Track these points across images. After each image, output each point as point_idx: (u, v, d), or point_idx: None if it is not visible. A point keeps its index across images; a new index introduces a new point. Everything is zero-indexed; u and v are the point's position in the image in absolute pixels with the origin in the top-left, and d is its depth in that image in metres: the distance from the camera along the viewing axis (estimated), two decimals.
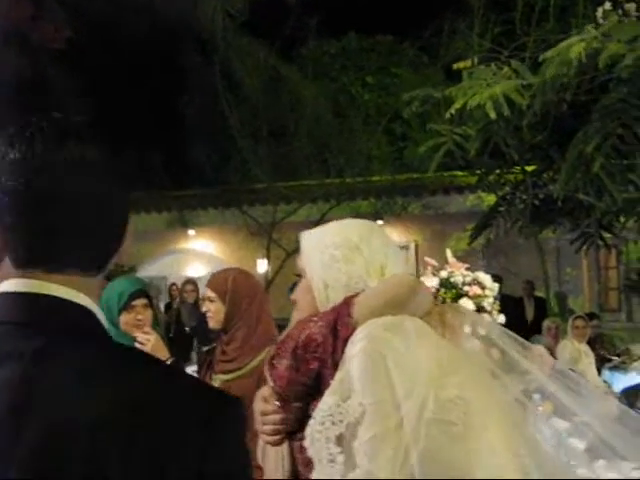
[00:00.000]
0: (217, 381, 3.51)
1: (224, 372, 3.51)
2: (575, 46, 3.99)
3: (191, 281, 10.28)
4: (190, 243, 15.11)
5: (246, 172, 13.40)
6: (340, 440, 1.64)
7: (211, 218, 14.13)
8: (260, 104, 13.02)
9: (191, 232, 14.66)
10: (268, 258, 13.33)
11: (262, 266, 13.34)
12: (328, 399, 1.70)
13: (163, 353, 3.51)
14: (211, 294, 3.60)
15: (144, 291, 3.66)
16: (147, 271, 14.53)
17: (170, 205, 14.20)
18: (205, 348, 6.70)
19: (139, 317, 3.56)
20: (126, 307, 3.56)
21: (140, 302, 3.59)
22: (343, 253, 2.01)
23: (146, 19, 11.92)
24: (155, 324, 3.75)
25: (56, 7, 12.40)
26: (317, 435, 1.67)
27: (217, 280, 3.68)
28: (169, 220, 14.12)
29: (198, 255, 15.44)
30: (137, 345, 3.47)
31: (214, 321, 3.58)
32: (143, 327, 3.56)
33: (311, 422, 1.72)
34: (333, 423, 1.65)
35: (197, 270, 15.29)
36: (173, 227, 14.16)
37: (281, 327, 3.75)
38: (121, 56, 14.48)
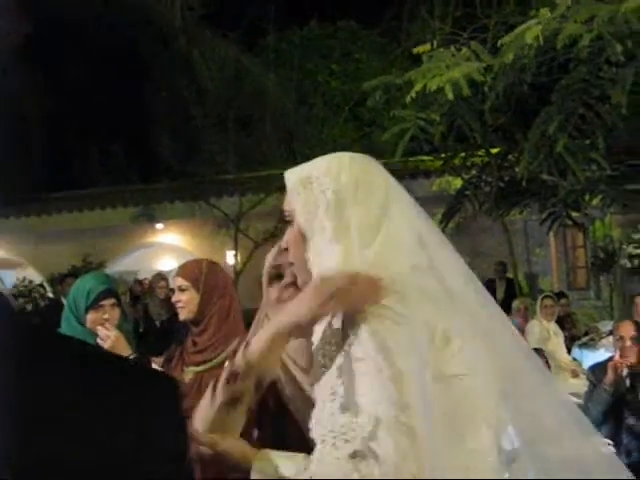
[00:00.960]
0: (189, 373, 3.45)
1: (195, 364, 3.45)
2: (532, 29, 4.00)
3: (162, 275, 10.20)
4: (158, 237, 15.02)
5: (212, 164, 13.31)
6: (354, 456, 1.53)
7: (179, 211, 14.03)
8: (223, 95, 12.94)
9: (159, 226, 14.58)
10: (236, 249, 13.28)
11: (231, 258, 13.30)
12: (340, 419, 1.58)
13: (124, 350, 3.46)
14: (183, 282, 3.51)
15: (112, 290, 3.60)
16: (116, 266, 14.44)
17: (136, 199, 14.08)
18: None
19: (105, 316, 3.51)
20: (94, 306, 3.51)
21: (108, 302, 3.55)
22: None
23: (106, 12, 11.78)
24: (123, 320, 3.70)
25: (12, 2, 12.16)
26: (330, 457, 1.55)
27: (189, 269, 3.62)
28: (136, 214, 13.99)
29: (167, 249, 15.37)
30: (99, 342, 3.44)
31: (186, 311, 3.48)
32: (110, 326, 3.52)
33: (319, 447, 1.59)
34: (346, 441, 1.53)
35: (166, 264, 15.21)
36: (140, 221, 14.03)
37: (253, 317, 3.73)
38: (81, 50, 14.31)
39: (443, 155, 7.51)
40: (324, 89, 13.79)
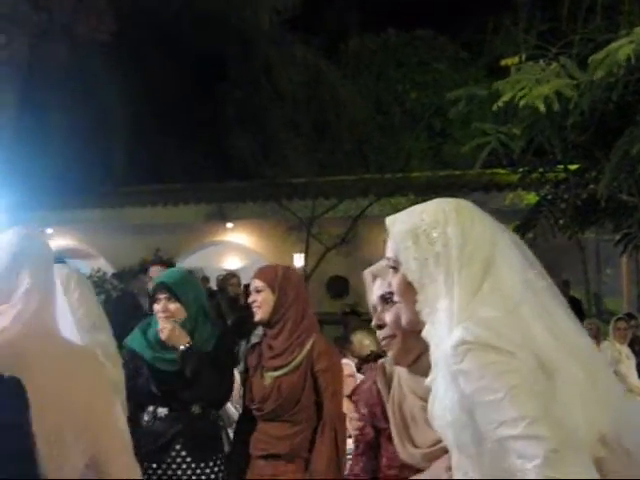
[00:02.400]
0: (268, 378, 3.51)
1: (274, 368, 3.52)
2: (624, 47, 3.96)
3: (233, 273, 10.34)
4: (227, 236, 15.18)
5: (285, 166, 13.42)
6: None
7: (250, 211, 14.16)
8: (301, 99, 13.05)
9: (229, 225, 14.74)
10: (306, 253, 13.35)
11: (299, 261, 13.37)
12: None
13: (179, 340, 3.51)
14: (259, 284, 3.57)
15: (166, 284, 3.65)
16: (184, 262, 14.62)
17: (209, 197, 14.27)
18: (243, 342, 6.76)
19: (158, 307, 3.60)
20: (153, 298, 3.64)
21: (162, 295, 3.61)
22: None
23: (191, 12, 12.01)
24: (206, 315, 3.74)
25: (99, 1, 12.50)
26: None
27: (266, 271, 3.69)
28: (208, 212, 14.21)
29: (234, 248, 15.51)
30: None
31: (261, 312, 3.55)
32: (169, 318, 3.58)
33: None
34: None
35: (233, 263, 15.37)
36: (211, 219, 14.24)
37: (319, 322, 3.78)
38: (164, 49, 14.60)
39: (521, 170, 7.46)
40: (402, 99, 13.77)
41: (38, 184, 15.10)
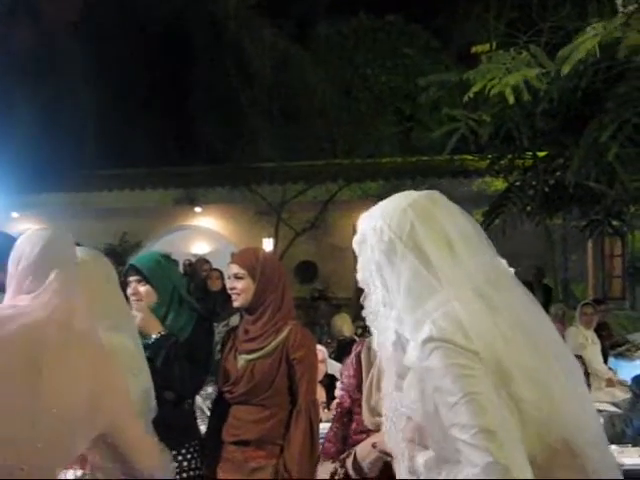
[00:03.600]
0: (241, 360, 3.51)
1: (247, 352, 3.51)
2: (589, 41, 3.98)
3: (205, 260, 10.30)
4: (196, 220, 15.12)
5: (254, 151, 13.37)
6: None
7: (218, 196, 14.11)
8: (270, 84, 12.99)
9: (197, 209, 14.68)
10: (276, 237, 13.34)
11: (268, 245, 13.36)
12: None
13: (153, 328, 3.48)
14: (239, 270, 3.54)
15: (137, 267, 3.59)
16: (151, 247, 14.55)
17: (177, 182, 14.19)
18: (221, 325, 6.75)
19: (130, 292, 3.54)
20: (125, 282, 3.56)
21: (133, 278, 3.57)
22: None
23: None
24: (183, 301, 3.69)
25: None
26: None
27: (245, 257, 3.64)
28: (176, 197, 14.12)
29: (203, 233, 15.47)
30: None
31: (241, 299, 3.52)
32: (138, 302, 3.53)
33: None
34: None
35: (201, 248, 15.33)
36: (180, 204, 14.15)
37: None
38: (132, 31, 14.44)
39: (489, 156, 7.49)
40: (371, 83, 13.76)
41: (2, 168, 14.91)
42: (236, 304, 3.56)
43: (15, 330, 2.19)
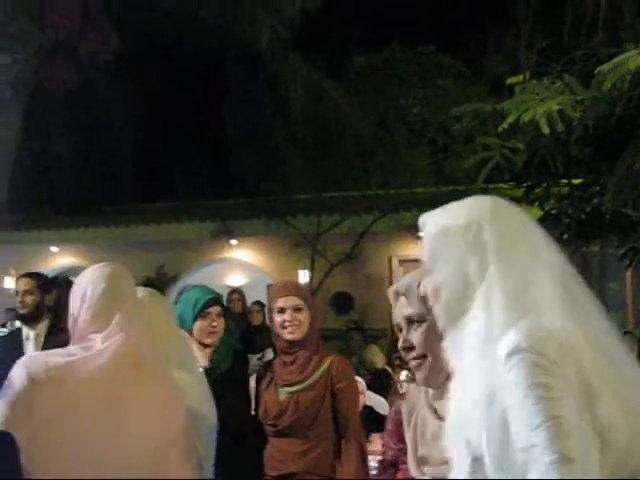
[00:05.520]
0: (284, 393, 3.50)
1: (290, 384, 3.51)
2: (634, 58, 3.97)
3: (237, 290, 10.34)
4: (232, 253, 15.20)
5: (289, 183, 13.45)
6: None
7: (254, 228, 14.18)
8: (304, 116, 13.09)
9: (233, 242, 14.76)
10: (312, 269, 13.35)
11: (303, 277, 13.38)
12: None
13: (202, 360, 3.54)
14: (299, 302, 3.52)
15: (218, 299, 3.68)
16: (188, 279, 14.63)
17: (213, 215, 14.30)
18: (256, 357, 6.76)
19: (214, 324, 3.59)
20: (201, 314, 3.59)
21: (215, 310, 3.62)
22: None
23: (194, 30, 12.08)
24: (227, 332, 3.75)
25: (103, 18, 12.60)
26: None
27: (301, 288, 3.70)
28: (212, 229, 14.21)
29: (238, 265, 15.53)
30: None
31: (300, 331, 3.50)
32: (217, 334, 3.61)
33: None
34: None
35: (237, 280, 15.38)
36: (216, 236, 14.24)
37: (323, 337, 3.78)
38: (168, 68, 14.68)
39: (524, 184, 7.48)
40: (405, 114, 13.80)
41: (42, 203, 15.18)
42: (295, 336, 3.51)
43: (92, 372, 2.22)
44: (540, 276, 1.63)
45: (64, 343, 2.39)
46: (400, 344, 2.22)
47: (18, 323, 5.45)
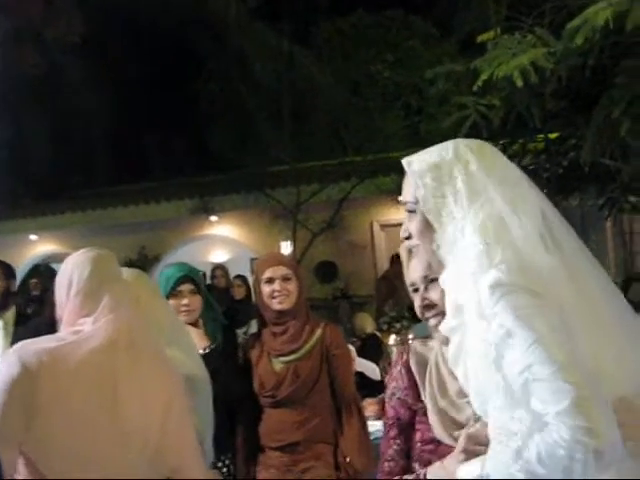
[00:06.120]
0: (279, 364, 3.51)
1: (285, 354, 3.52)
2: (602, 12, 3.95)
3: (220, 266, 10.33)
4: (213, 229, 15.15)
5: (265, 155, 13.37)
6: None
7: (233, 203, 14.11)
8: (275, 86, 13.00)
9: (213, 218, 14.70)
10: (294, 240, 13.32)
11: (286, 248, 13.37)
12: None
13: (200, 342, 3.49)
14: (288, 272, 3.53)
15: (189, 276, 3.57)
16: (170, 259, 14.59)
17: (191, 192, 14.21)
18: (241, 331, 6.75)
19: (184, 302, 3.51)
20: (172, 292, 3.50)
21: (186, 288, 3.53)
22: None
23: (160, 6, 11.95)
24: (210, 309, 3.70)
25: (67, 1, 12.42)
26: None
27: (288, 258, 3.73)
28: (191, 207, 14.13)
29: (219, 241, 15.49)
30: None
31: (289, 301, 3.51)
32: (191, 313, 3.53)
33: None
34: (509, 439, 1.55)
35: (220, 256, 15.36)
36: (195, 214, 14.17)
37: (310, 308, 3.77)
38: (136, 46, 14.51)
39: (501, 142, 7.46)
40: (376, 79, 13.73)
41: (16, 191, 15.03)
42: (284, 306, 3.52)
43: (84, 356, 2.21)
44: (523, 211, 1.68)
45: (36, 328, 2.37)
46: (418, 303, 2.20)
47: None
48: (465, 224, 1.68)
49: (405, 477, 2.10)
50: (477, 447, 1.72)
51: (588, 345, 1.56)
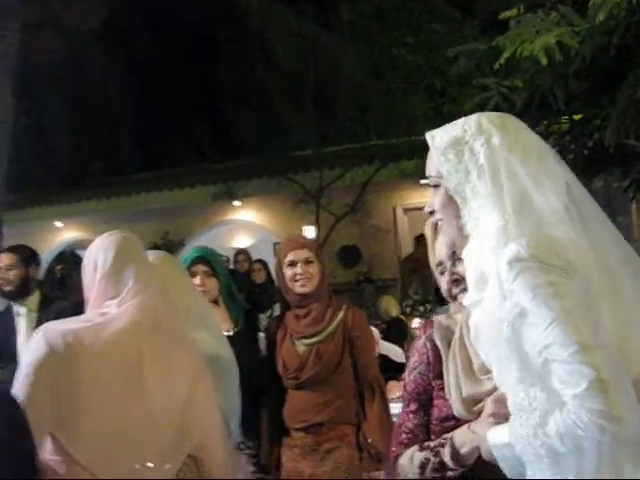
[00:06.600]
0: (301, 346, 3.53)
1: (308, 336, 3.53)
2: None
3: (243, 251, 10.36)
4: (236, 214, 15.18)
5: (288, 139, 13.36)
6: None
7: (256, 188, 14.13)
8: (298, 71, 12.95)
9: (236, 203, 14.73)
10: (317, 224, 13.32)
11: (309, 233, 13.38)
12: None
13: (223, 322, 3.52)
14: (309, 254, 3.55)
15: (203, 257, 3.58)
16: (194, 244, 14.64)
17: (214, 178, 14.25)
18: (264, 315, 6.79)
19: (196, 281, 3.49)
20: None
21: (200, 268, 3.54)
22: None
23: None
24: (231, 293, 3.71)
25: None
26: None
27: (310, 241, 3.74)
28: (214, 193, 14.17)
29: (244, 226, 15.52)
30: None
31: (311, 283, 3.52)
32: (205, 294, 3.50)
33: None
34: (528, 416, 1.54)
35: (243, 241, 15.39)
36: (218, 199, 14.20)
37: (334, 292, 3.78)
38: (157, 31, 14.53)
39: (525, 123, 7.40)
40: (399, 62, 13.63)
41: (43, 178, 15.14)
42: (307, 289, 3.53)
43: (109, 337, 2.23)
44: (547, 186, 1.65)
45: (59, 312, 2.39)
46: (447, 279, 2.13)
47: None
48: (488, 199, 1.66)
49: (427, 443, 2.05)
50: (506, 410, 1.68)
51: (611, 322, 1.53)
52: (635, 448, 1.44)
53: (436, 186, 1.81)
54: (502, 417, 1.70)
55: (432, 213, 1.87)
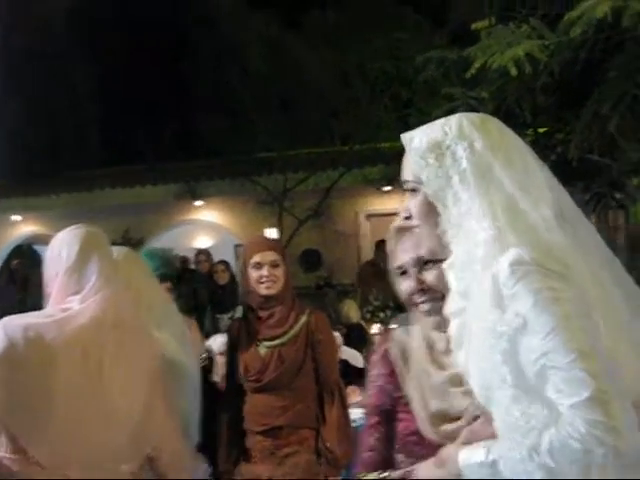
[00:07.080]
0: (263, 348, 3.51)
1: (270, 338, 3.52)
2: (601, 5, 3.95)
3: (204, 251, 10.31)
4: (198, 214, 15.08)
5: (253, 141, 13.31)
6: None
7: (218, 189, 14.04)
8: (265, 73, 12.93)
9: (198, 203, 14.63)
10: (280, 227, 13.29)
11: (272, 235, 13.31)
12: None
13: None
14: (276, 257, 3.53)
15: (167, 275, 3.62)
16: (154, 243, 14.52)
17: (177, 177, 14.13)
18: (226, 316, 6.75)
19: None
20: None
21: (164, 286, 3.53)
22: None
23: None
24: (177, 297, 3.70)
25: None
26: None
27: (276, 244, 3.71)
28: (176, 192, 14.05)
29: (205, 226, 15.43)
30: None
31: (276, 286, 3.50)
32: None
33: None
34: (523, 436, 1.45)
35: (204, 241, 15.30)
36: (180, 199, 14.09)
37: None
38: (126, 29, 14.42)
39: None
40: (365, 69, 13.65)
41: (1, 171, 14.90)
42: (271, 291, 3.51)
43: (71, 333, 2.19)
44: (534, 193, 1.61)
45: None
46: (413, 285, 2.04)
47: None
48: (472, 206, 1.59)
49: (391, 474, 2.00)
50: (484, 437, 1.61)
51: (606, 335, 1.49)
52: (634, 462, 1.39)
53: (413, 190, 1.73)
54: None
55: (408, 218, 1.79)
